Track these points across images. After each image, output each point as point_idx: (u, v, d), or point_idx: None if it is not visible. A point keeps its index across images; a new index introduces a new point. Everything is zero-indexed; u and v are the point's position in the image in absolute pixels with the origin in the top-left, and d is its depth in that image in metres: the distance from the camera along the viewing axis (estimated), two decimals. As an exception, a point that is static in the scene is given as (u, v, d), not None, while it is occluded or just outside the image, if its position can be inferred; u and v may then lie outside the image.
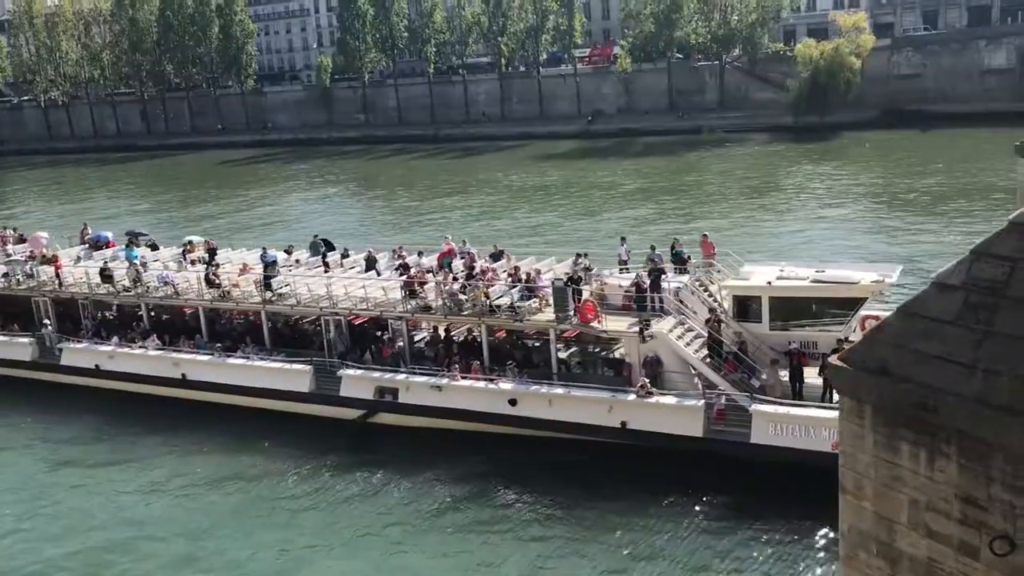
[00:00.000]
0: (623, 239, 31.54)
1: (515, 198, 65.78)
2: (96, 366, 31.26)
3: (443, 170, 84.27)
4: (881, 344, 5.90)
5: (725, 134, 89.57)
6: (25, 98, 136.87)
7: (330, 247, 34.49)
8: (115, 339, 31.67)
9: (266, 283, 29.55)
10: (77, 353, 31.83)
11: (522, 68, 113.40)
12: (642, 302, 24.87)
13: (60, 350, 32.10)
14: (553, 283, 25.74)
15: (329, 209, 67.41)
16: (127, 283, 32.07)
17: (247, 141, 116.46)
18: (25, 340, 32.81)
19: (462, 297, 26.45)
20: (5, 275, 34.37)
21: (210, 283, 30.52)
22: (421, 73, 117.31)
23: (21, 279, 34.20)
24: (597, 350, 26.68)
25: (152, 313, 32.28)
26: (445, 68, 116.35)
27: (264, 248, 34.05)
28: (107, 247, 37.51)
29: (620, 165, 78.25)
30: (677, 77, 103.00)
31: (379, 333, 28.97)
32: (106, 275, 32.26)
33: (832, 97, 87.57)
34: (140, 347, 30.94)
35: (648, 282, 25.01)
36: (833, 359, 6.25)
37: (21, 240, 39.97)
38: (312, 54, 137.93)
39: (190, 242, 36.73)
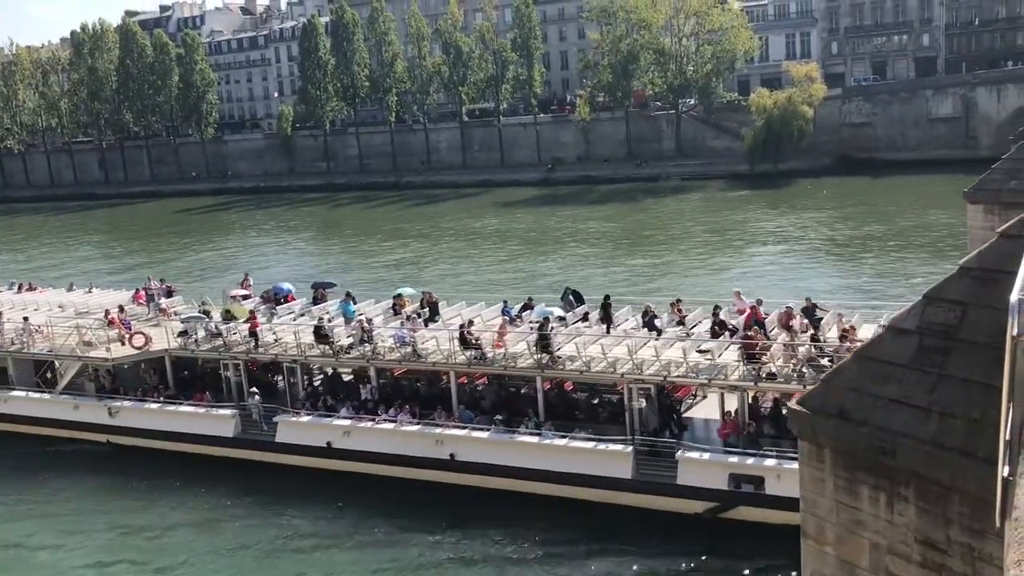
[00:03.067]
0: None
1: (479, 244, 65.95)
2: (328, 443, 26.01)
3: (406, 217, 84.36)
4: (839, 388, 5.96)
5: (682, 182, 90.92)
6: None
7: (580, 299, 29.28)
8: (343, 411, 26.60)
9: (542, 344, 24.41)
10: (299, 428, 26.68)
11: (477, 113, 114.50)
12: None
13: (274, 424, 27.18)
14: None
15: (301, 254, 67.08)
16: (343, 343, 27.44)
17: (207, 189, 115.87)
18: (227, 412, 27.95)
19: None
20: (183, 334, 30.00)
21: (465, 343, 25.32)
22: (383, 121, 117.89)
23: (200, 338, 29.73)
24: None
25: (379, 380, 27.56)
26: (406, 117, 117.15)
27: (505, 302, 29.73)
28: (286, 300, 33.03)
29: (581, 212, 78.93)
30: (635, 126, 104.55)
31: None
32: (322, 334, 27.29)
33: (786, 145, 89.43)
34: (388, 420, 25.60)
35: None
36: (791, 403, 6.30)
37: (169, 293, 35.65)
38: (273, 103, 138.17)
39: (399, 295, 31.64)
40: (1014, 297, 3.52)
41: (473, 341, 25.22)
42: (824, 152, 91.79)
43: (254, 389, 28.36)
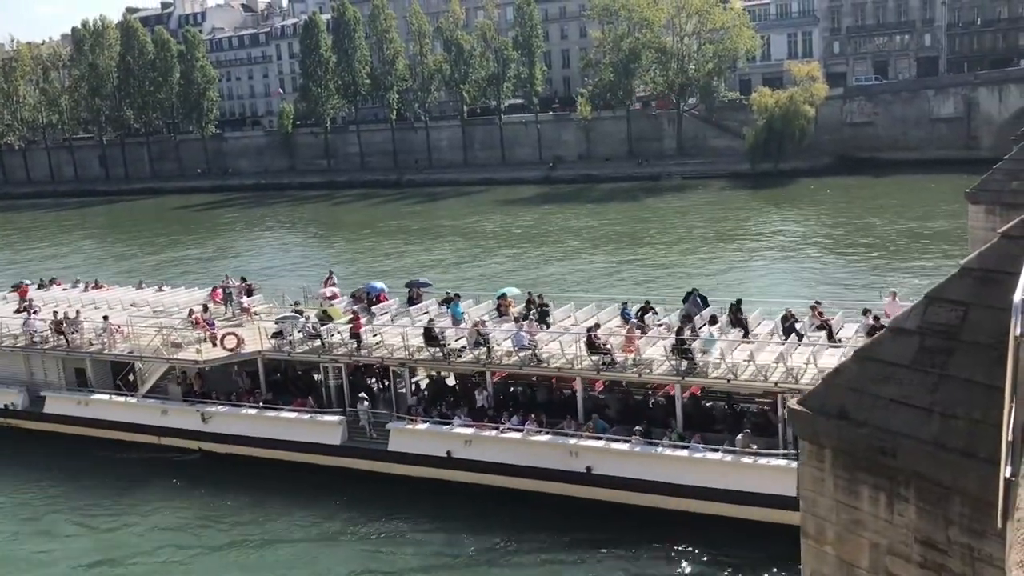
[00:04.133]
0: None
1: (481, 242, 65.93)
2: (448, 453, 24.34)
3: (407, 215, 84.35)
4: (839, 388, 5.95)
5: (684, 180, 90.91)
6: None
7: (705, 302, 26.95)
8: (459, 418, 24.82)
9: (681, 349, 22.93)
10: (414, 437, 25.02)
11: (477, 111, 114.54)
12: None
13: (385, 432, 25.55)
14: None
15: (300, 252, 67.06)
16: (454, 345, 25.99)
17: (208, 186, 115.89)
18: (333, 419, 26.42)
19: None
20: (277, 335, 28.21)
21: (593, 348, 23.82)
22: (384, 119, 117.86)
23: (296, 340, 27.89)
24: None
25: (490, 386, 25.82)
26: (408, 115, 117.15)
27: (624, 304, 28.08)
28: (378, 301, 31.01)
29: (583, 210, 78.92)
30: (636, 124, 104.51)
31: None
32: (432, 336, 25.97)
33: (787, 144, 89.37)
34: (512, 430, 23.99)
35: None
36: (792, 403, 6.29)
37: (250, 291, 33.68)
38: (274, 100, 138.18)
39: (504, 295, 29.93)
40: (1017, 297, 3.51)
41: (601, 345, 23.76)
42: (825, 152, 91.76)
43: (363, 395, 26.84)
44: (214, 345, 28.70)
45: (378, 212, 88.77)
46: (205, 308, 31.84)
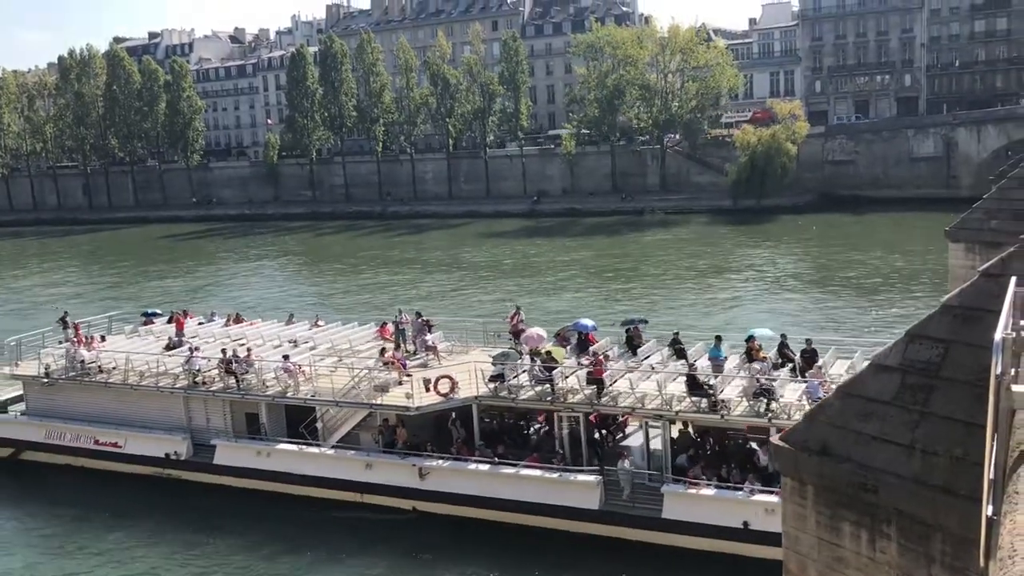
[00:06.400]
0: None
1: (467, 273, 65.90)
2: (744, 524, 20.75)
3: (395, 246, 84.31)
4: (821, 424, 5.95)
5: (667, 216, 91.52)
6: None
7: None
8: (748, 483, 21.24)
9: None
10: (698, 504, 21.40)
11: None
12: None
13: (658, 495, 21.97)
14: None
15: (288, 282, 66.80)
16: (728, 394, 22.49)
17: (191, 216, 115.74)
18: (590, 479, 22.60)
19: None
20: (496, 378, 24.99)
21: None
22: (369, 151, 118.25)
23: (518, 383, 24.72)
24: None
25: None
26: (393, 147, 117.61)
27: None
28: (587, 340, 27.33)
29: (567, 244, 79.15)
30: (620, 160, 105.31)
31: None
32: (697, 384, 22.86)
33: (769, 181, 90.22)
34: None
35: None
36: (775, 439, 6.28)
37: (429, 327, 29.94)
38: (260, 131, 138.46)
39: (751, 337, 25.57)
40: (998, 336, 3.53)
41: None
42: (807, 189, 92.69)
43: (628, 446, 23.79)
44: (427, 389, 25.18)
45: (363, 243, 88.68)
46: (397, 346, 28.69)
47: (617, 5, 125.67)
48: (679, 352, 25.69)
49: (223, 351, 28.76)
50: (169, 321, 34.73)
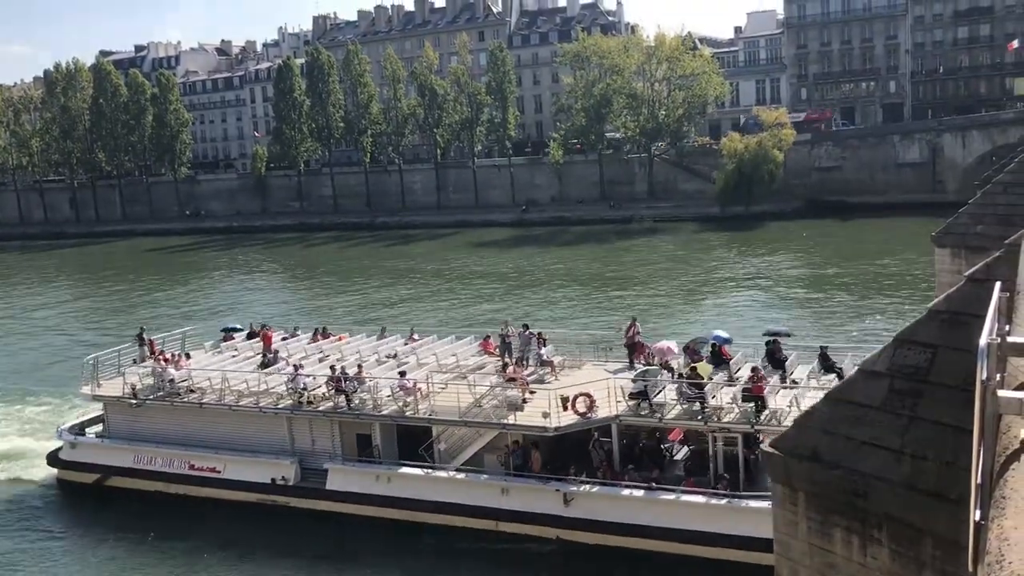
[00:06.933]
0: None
1: (458, 282, 65.87)
2: None
3: (381, 256, 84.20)
4: (811, 430, 5.97)
5: (655, 223, 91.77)
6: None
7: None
8: None
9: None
10: None
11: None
12: None
13: None
14: None
15: (298, 294, 66.64)
16: None
17: (179, 228, 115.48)
18: (765, 506, 18.75)
19: None
20: (638, 395, 23.47)
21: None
22: (357, 162, 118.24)
23: (662, 401, 23.21)
24: None
25: None
26: (382, 158, 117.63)
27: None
28: (720, 353, 25.84)
29: (556, 252, 79.24)
30: (608, 168, 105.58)
31: None
32: None
33: (757, 188, 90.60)
34: None
35: None
36: (765, 446, 6.30)
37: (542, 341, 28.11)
38: (248, 143, 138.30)
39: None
40: (983, 341, 3.55)
41: None
42: (794, 195, 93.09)
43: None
44: (566, 408, 23.52)
45: (353, 254, 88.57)
46: (519, 361, 27.02)
47: (603, 15, 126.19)
48: (829, 367, 23.98)
49: (331, 368, 26.89)
50: (250, 336, 33.15)
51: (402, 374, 26.09)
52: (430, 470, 24.45)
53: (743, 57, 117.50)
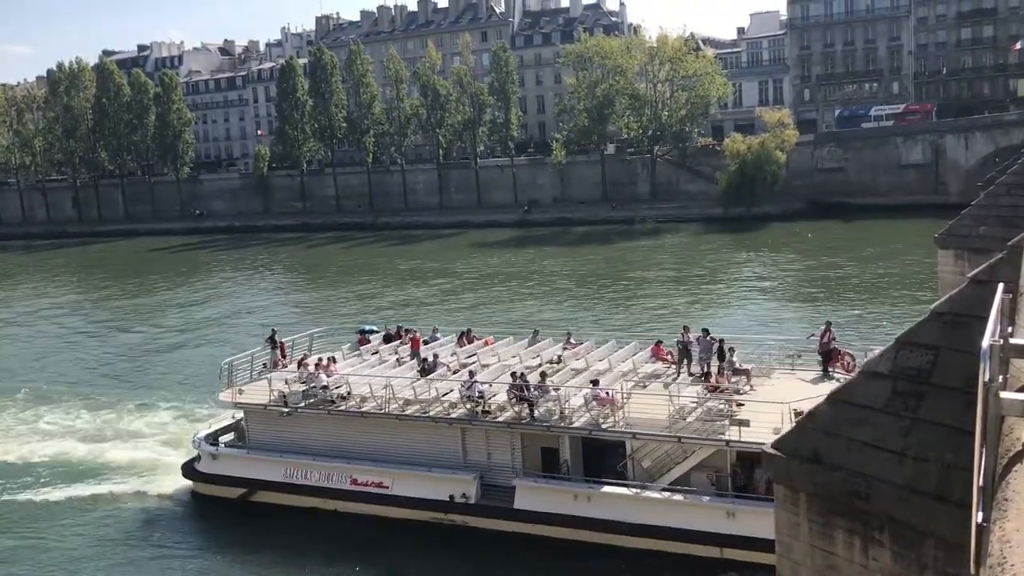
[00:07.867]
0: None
1: (461, 282, 65.87)
2: None
3: (387, 256, 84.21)
4: (813, 431, 5.96)
5: (657, 224, 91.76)
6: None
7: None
8: None
9: None
10: None
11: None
12: None
13: None
14: None
15: (313, 295, 66.67)
16: None
17: (182, 228, 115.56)
18: None
19: None
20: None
21: None
22: (360, 162, 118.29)
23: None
24: None
25: None
26: (384, 158, 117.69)
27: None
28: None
29: (558, 253, 79.25)
30: (610, 169, 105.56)
31: None
32: None
33: (759, 189, 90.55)
34: None
35: None
36: (767, 447, 6.29)
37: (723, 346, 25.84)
38: (250, 143, 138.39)
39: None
40: (986, 343, 3.54)
41: None
42: (797, 196, 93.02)
43: None
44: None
45: (356, 254, 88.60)
46: (719, 371, 24.82)
47: (606, 15, 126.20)
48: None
49: (512, 375, 24.53)
50: (386, 339, 31.30)
51: (595, 383, 23.79)
52: (638, 490, 22.08)
53: (746, 58, 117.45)
